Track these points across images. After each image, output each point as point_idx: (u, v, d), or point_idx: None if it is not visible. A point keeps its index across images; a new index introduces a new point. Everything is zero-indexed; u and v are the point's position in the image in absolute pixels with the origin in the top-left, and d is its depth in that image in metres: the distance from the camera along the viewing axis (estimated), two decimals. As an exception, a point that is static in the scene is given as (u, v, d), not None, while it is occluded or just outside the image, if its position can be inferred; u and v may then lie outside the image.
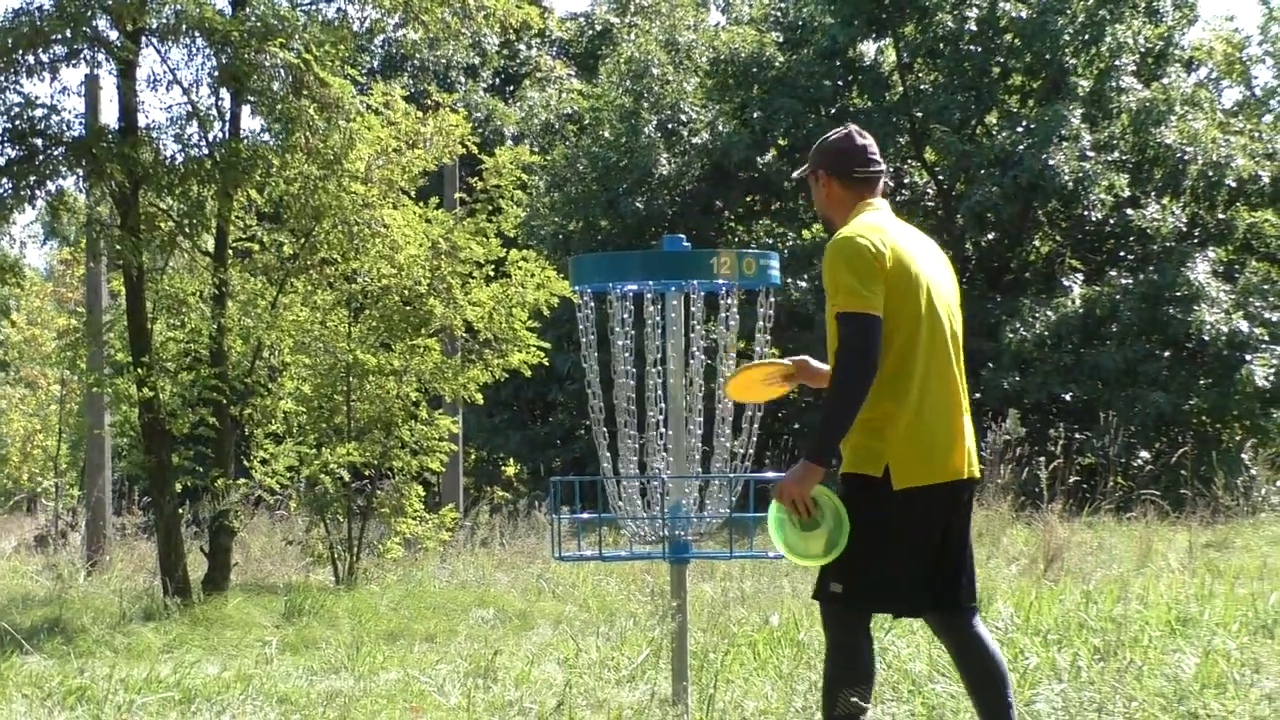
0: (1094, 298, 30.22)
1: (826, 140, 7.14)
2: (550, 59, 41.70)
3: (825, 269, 6.80)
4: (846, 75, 32.85)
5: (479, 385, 19.72)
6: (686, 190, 31.95)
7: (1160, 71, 33.60)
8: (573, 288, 9.14)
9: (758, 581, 16.23)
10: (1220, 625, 11.63)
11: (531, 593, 16.54)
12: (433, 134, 19.12)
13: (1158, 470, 27.47)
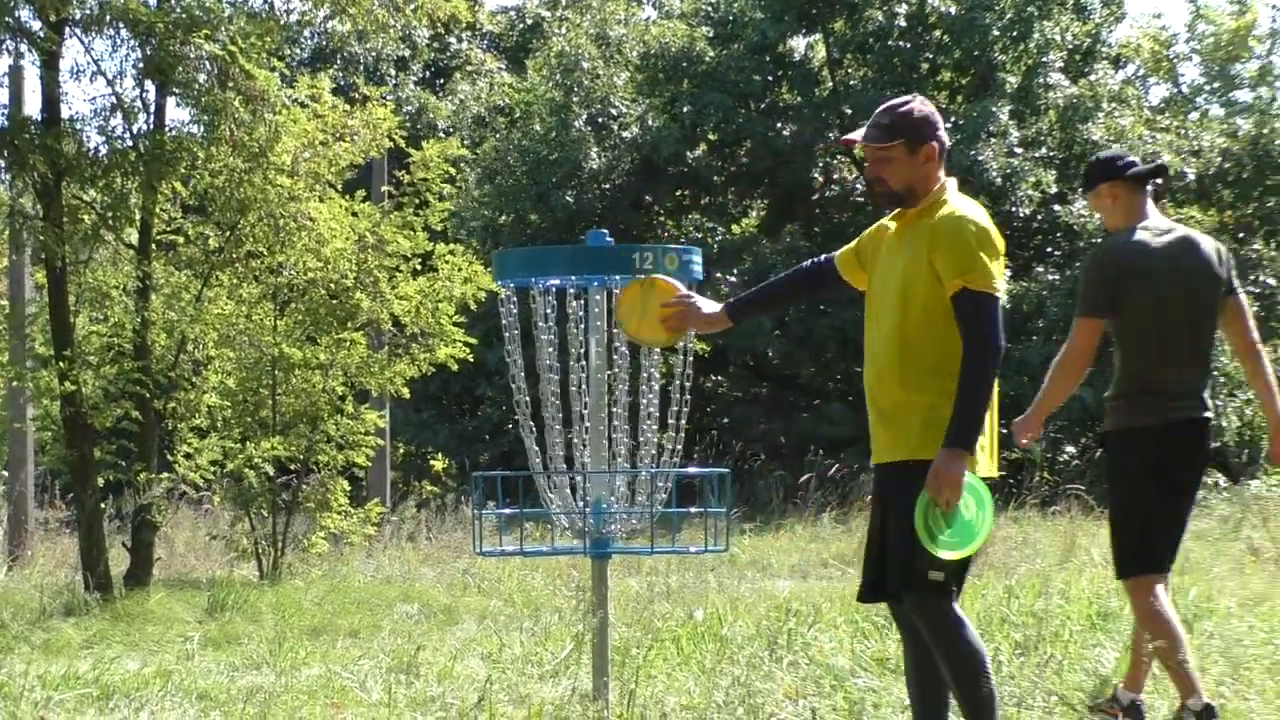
0: (1020, 294, 30.34)
1: (910, 109, 6.84)
2: (481, 52, 41.65)
3: (951, 245, 6.64)
4: (776, 70, 32.87)
5: (405, 380, 19.67)
6: (616, 184, 31.92)
7: (1088, 68, 33.79)
8: (496, 282, 9.11)
9: (683, 576, 16.24)
10: (1141, 620, 11.67)
11: (457, 588, 16.50)
12: (360, 127, 19.04)
13: (1083, 465, 27.64)
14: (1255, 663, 9.74)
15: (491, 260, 16.21)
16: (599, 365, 8.76)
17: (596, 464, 8.72)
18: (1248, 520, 19.81)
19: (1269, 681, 9.16)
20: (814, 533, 21.46)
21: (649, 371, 8.80)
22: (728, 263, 30.28)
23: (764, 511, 24.05)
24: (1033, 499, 21.62)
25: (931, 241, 6.69)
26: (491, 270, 16.75)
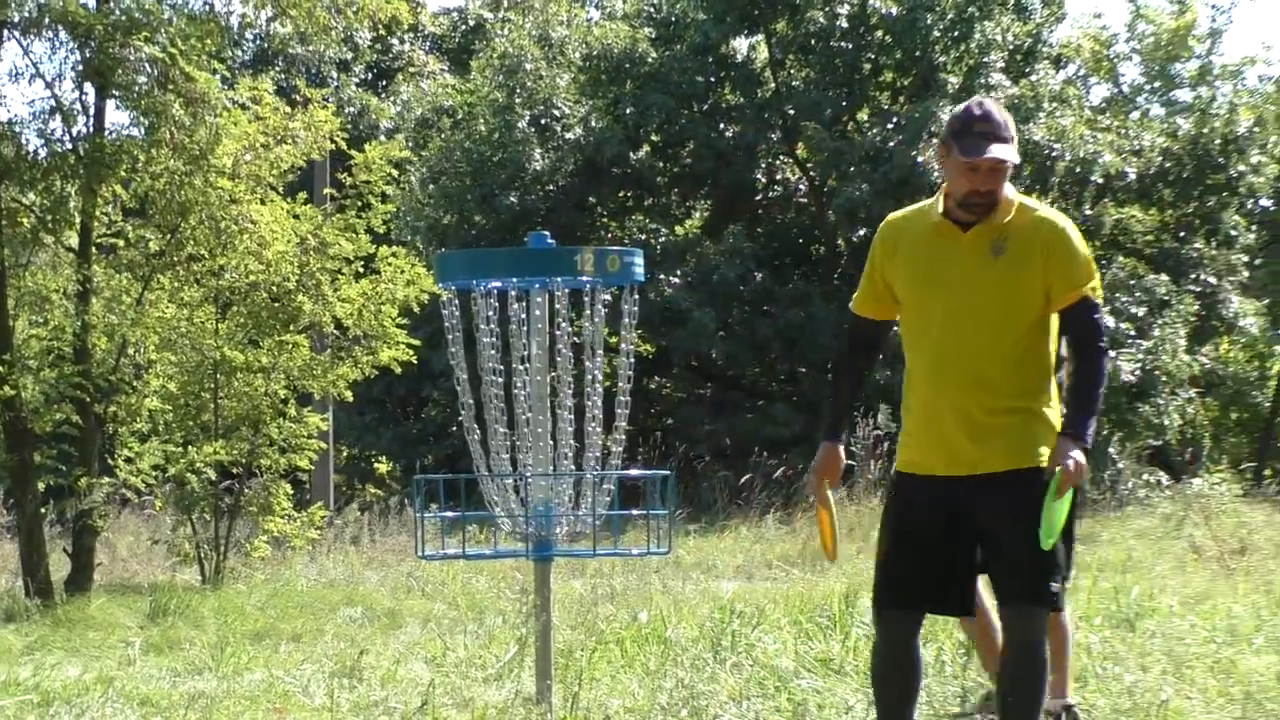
0: (963, 293, 30.42)
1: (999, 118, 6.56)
2: (423, 54, 41.58)
3: (1071, 255, 6.44)
4: (719, 71, 32.87)
5: (348, 382, 19.61)
6: (560, 186, 31.87)
7: (1029, 68, 33.87)
8: (438, 285, 9.10)
9: (627, 579, 16.24)
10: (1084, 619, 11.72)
11: (401, 591, 16.47)
12: (302, 129, 18.97)
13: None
14: (1197, 661, 9.77)
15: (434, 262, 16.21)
16: (541, 368, 8.75)
17: (539, 466, 8.71)
18: (1190, 519, 19.90)
19: (1210, 680, 9.20)
20: (758, 534, 21.48)
21: (592, 374, 8.80)
22: (671, 264, 30.26)
23: (708, 513, 24.07)
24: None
25: (1046, 251, 6.48)
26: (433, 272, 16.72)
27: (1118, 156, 32.77)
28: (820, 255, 33.27)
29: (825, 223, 32.37)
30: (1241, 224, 34.61)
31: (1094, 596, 12.89)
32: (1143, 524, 21.66)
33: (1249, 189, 34.36)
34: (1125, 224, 33.90)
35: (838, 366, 7.46)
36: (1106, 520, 21.97)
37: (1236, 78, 50.39)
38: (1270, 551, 17.03)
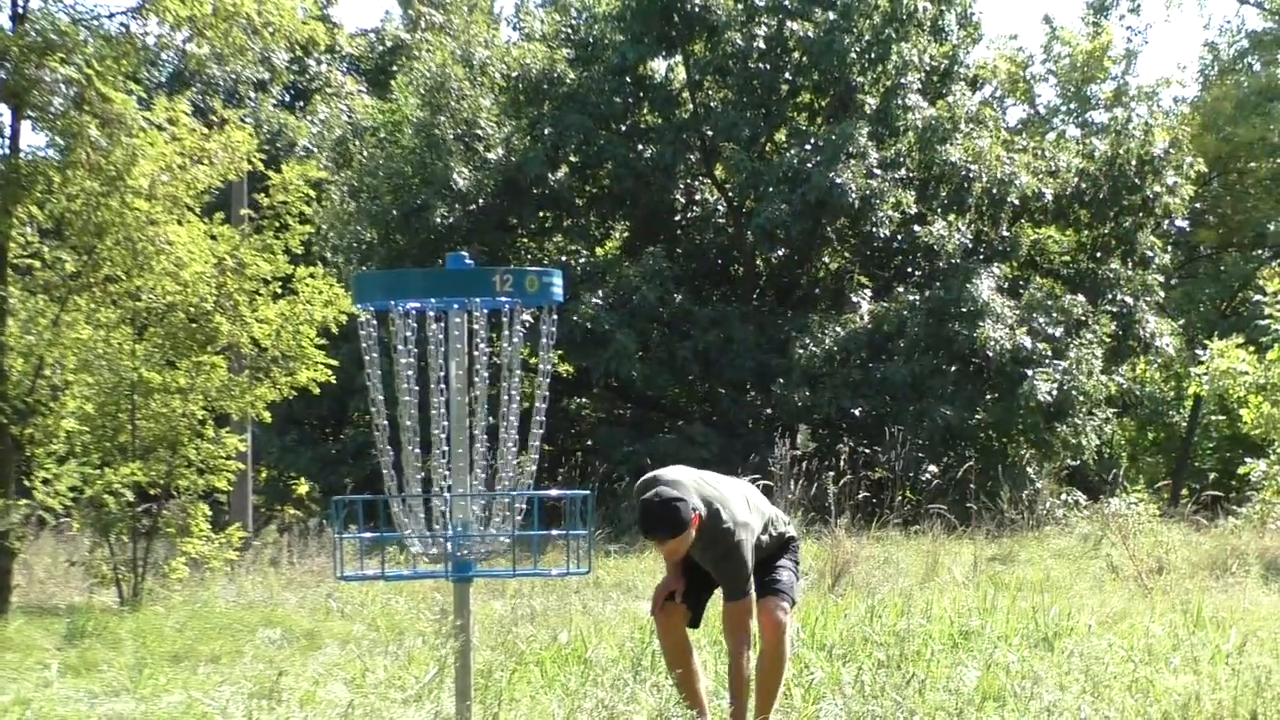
0: (882, 314, 30.56)
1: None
2: (341, 74, 41.47)
3: None
4: (637, 92, 32.93)
5: (266, 403, 19.50)
6: (482, 205, 31.84)
7: (945, 90, 34.08)
8: (354, 305, 9.07)
9: (547, 599, 16.22)
10: (1002, 638, 11.80)
11: (320, 612, 16.38)
12: (218, 149, 18.87)
13: (945, 484, 27.85)
14: (1115, 680, 9.84)
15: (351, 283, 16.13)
16: (459, 388, 8.74)
17: (458, 487, 8.70)
18: (1107, 538, 20.04)
19: (1128, 699, 9.26)
20: (678, 554, 21.45)
21: (509, 394, 8.79)
22: (591, 285, 30.27)
23: (629, 533, 24.07)
24: (895, 518, 21.77)
25: None
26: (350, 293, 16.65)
27: (1034, 177, 33.01)
28: (739, 276, 33.35)
29: (743, 243, 32.45)
30: (1157, 245, 34.91)
31: (1012, 616, 12.97)
32: (1061, 544, 21.81)
33: (1165, 210, 34.66)
34: (1042, 245, 34.16)
35: None
36: (1025, 540, 22.09)
37: (1152, 99, 50.89)
38: (1187, 571, 17.17)
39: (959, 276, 30.76)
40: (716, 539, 8.87)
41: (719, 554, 8.90)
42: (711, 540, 8.86)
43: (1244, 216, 44.02)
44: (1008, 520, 23.19)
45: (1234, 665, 10.55)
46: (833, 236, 33.04)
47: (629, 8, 31.73)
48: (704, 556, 8.95)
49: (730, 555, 8.86)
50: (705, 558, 8.96)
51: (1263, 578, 16.42)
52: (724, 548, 8.87)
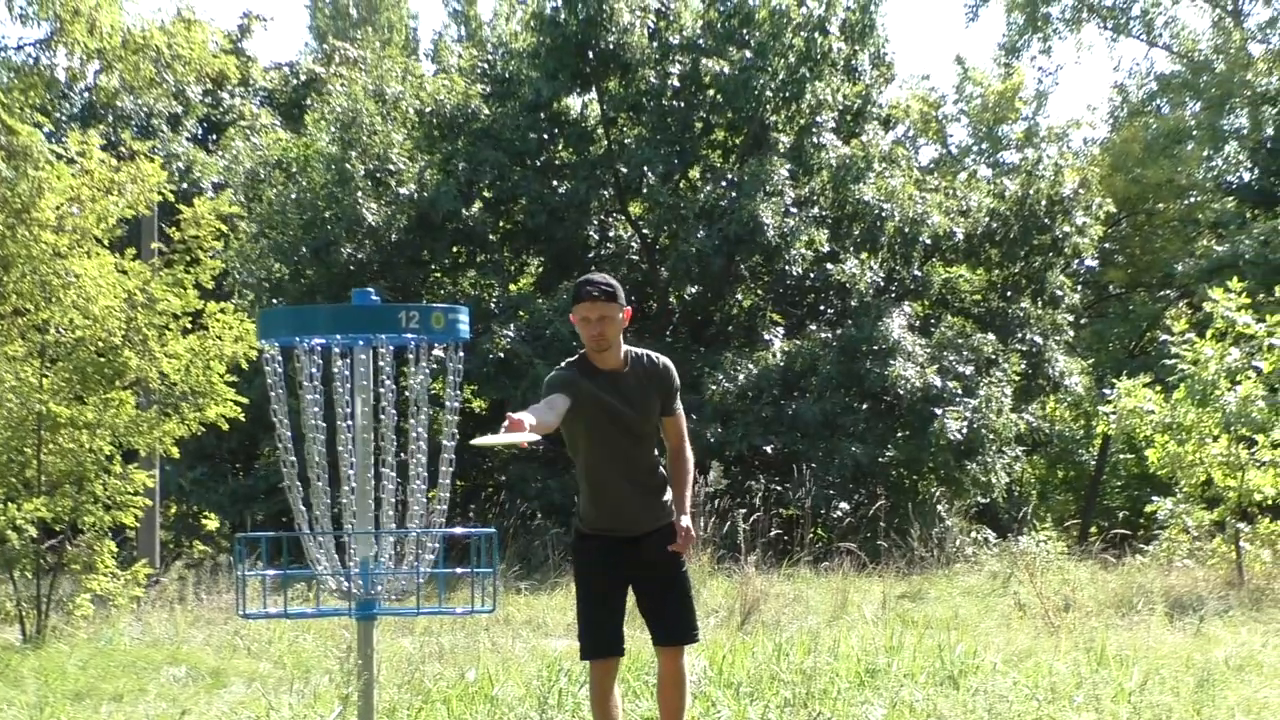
0: (794, 351, 30.63)
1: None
2: (255, 108, 41.33)
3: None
4: (552, 128, 32.95)
5: (175, 439, 19.38)
6: (395, 241, 31.76)
7: (859, 129, 34.27)
8: (259, 341, 9.03)
9: (456, 637, 16.16)
10: (908, 676, 11.83)
11: (226, 650, 16.26)
12: (128, 182, 18.77)
13: (855, 522, 27.94)
14: (1018, 719, 9.88)
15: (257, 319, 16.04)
16: (365, 425, 8.70)
17: (363, 524, 8.66)
18: (1016, 576, 20.13)
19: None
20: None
21: (416, 431, 8.76)
22: (505, 320, 30.23)
23: (540, 570, 24.03)
24: (806, 556, 21.82)
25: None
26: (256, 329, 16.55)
27: (946, 217, 33.21)
28: (652, 312, 33.38)
29: (658, 280, 32.50)
30: (1067, 284, 35.17)
31: (919, 654, 13.01)
32: (970, 581, 21.89)
33: (1074, 249, 34.92)
34: (953, 283, 34.36)
35: None
36: (934, 578, 22.16)
37: (1062, 140, 51.42)
38: (1093, 609, 17.27)
39: (871, 315, 30.89)
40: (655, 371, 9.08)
41: (666, 388, 9.09)
42: (649, 373, 9.04)
43: (1152, 257, 44.44)
44: (918, 558, 23.29)
45: (1135, 703, 10.62)
46: (746, 274, 33.13)
47: (544, 44, 31.77)
48: (641, 391, 9.01)
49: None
50: (641, 392, 9.01)
51: (1167, 616, 16.52)
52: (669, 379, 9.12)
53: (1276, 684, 11.61)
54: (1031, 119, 52.96)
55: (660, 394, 9.03)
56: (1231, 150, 48.11)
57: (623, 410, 8.90)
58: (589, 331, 8.83)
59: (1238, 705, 10.77)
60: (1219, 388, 21.61)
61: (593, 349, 8.88)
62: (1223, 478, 21.83)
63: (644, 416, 8.96)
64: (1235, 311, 22.02)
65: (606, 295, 8.77)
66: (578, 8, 31.12)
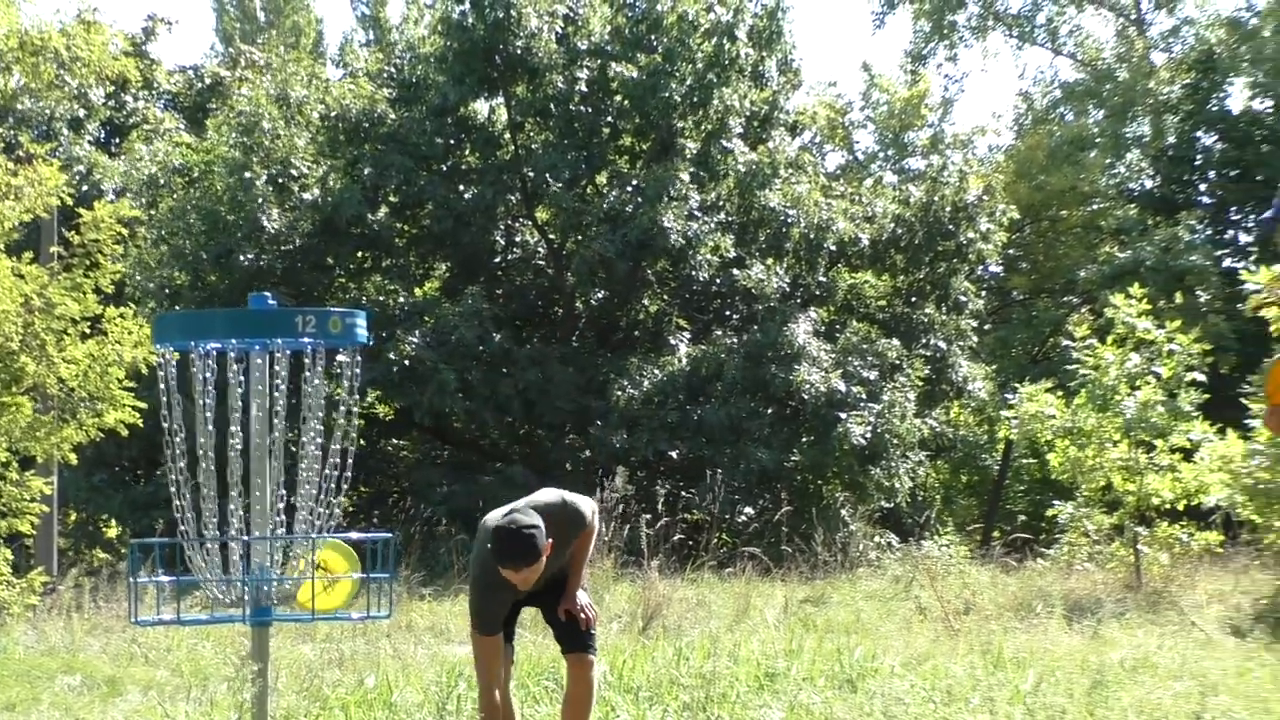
0: (700, 356, 30.66)
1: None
2: (159, 111, 41.05)
3: None
4: (459, 133, 32.85)
5: (73, 445, 19.22)
6: (298, 246, 31.59)
7: (766, 135, 34.34)
8: (154, 345, 8.97)
9: (356, 644, 16.09)
10: (807, 680, 11.86)
11: (123, 658, 16.13)
12: (25, 185, 18.59)
13: (760, 526, 27.99)
14: (913, 721, 9.92)
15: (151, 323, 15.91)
16: (261, 429, 8.66)
17: (259, 530, 8.61)
18: (918, 580, 20.22)
19: (925, 739, 9.34)
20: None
21: (311, 436, 8.72)
22: (410, 325, 30.11)
23: (444, 576, 23.94)
24: (710, 560, 21.84)
25: None
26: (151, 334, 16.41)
27: (851, 223, 33.34)
28: (559, 317, 33.37)
29: (564, 285, 32.48)
30: (971, 290, 35.37)
31: (818, 658, 13.05)
32: (873, 585, 21.96)
33: (978, 256, 35.14)
34: (858, 289, 34.50)
35: None
36: (837, 582, 22.22)
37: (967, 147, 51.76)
38: (992, 612, 17.37)
39: (776, 320, 30.95)
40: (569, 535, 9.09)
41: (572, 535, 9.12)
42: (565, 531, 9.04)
43: (1055, 263, 44.77)
44: (821, 562, 23.34)
45: (1030, 705, 10.69)
46: (653, 279, 33.15)
47: (451, 49, 31.68)
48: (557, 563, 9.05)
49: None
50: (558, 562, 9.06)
51: (1065, 619, 16.63)
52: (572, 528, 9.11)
53: (1170, 685, 11.71)
54: (937, 126, 53.31)
55: (574, 537, 9.11)
56: (1134, 158, 48.58)
57: (547, 575, 8.96)
58: (513, 579, 8.66)
59: (1131, 706, 10.85)
60: (1119, 393, 21.78)
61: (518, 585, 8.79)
62: (1122, 482, 22.01)
63: (563, 562, 9.12)
64: (1136, 318, 22.20)
65: (530, 560, 8.56)
66: (485, 12, 31.05)
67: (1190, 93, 41.65)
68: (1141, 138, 49.72)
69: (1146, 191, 42.18)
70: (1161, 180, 41.07)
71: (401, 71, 33.09)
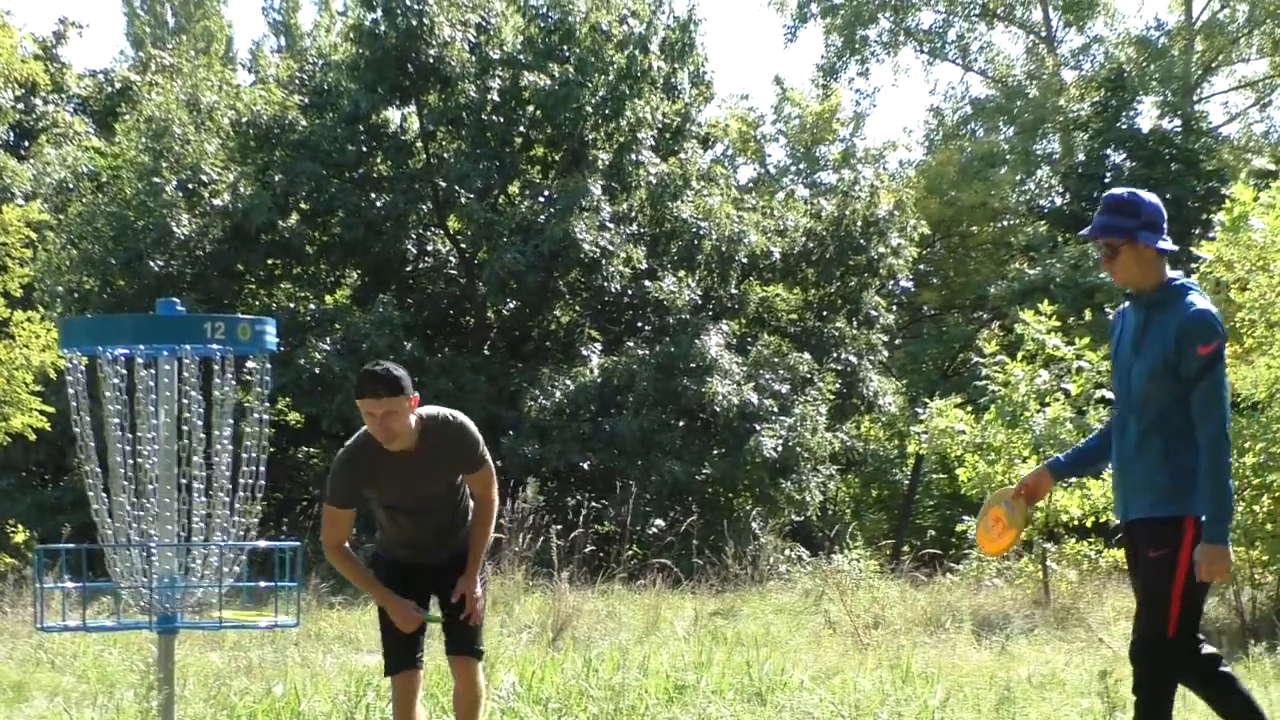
0: (611, 367, 30.66)
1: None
2: (69, 115, 40.75)
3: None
4: (370, 141, 32.73)
5: (-20, 449, 19.06)
6: (208, 252, 31.41)
7: (678, 147, 34.38)
8: (61, 351, 8.90)
9: (264, 651, 15.99)
10: (716, 692, 11.86)
11: (29, 664, 15.96)
12: (-67, 188, 18.45)
13: (671, 538, 27.99)
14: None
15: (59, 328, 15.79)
16: (169, 436, 8.59)
17: (165, 537, 8.54)
18: (828, 594, 20.25)
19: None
20: (401, 606, 21.25)
21: (221, 443, 8.66)
22: (320, 332, 29.99)
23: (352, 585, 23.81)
24: (620, 572, 21.83)
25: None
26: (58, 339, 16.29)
27: (763, 236, 33.43)
28: (470, 327, 33.29)
29: (475, 294, 32.41)
30: (882, 305, 35.55)
31: (727, 670, 13.05)
32: (783, 599, 21.98)
33: (889, 271, 35.32)
34: (770, 302, 34.60)
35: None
36: (747, 595, 22.24)
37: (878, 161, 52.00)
38: (902, 626, 17.42)
39: (688, 332, 31.00)
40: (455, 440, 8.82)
41: (461, 454, 8.83)
42: (442, 444, 8.76)
43: (965, 279, 45.06)
44: (731, 575, 23.37)
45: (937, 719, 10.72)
46: (564, 290, 33.14)
47: (363, 57, 31.58)
48: (435, 465, 8.77)
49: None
50: (435, 466, 8.77)
51: (974, 633, 16.70)
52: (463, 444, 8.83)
53: (1077, 701, 11.77)
54: (849, 140, 53.51)
55: (457, 462, 8.83)
56: (1044, 175, 48.96)
57: (415, 491, 8.76)
58: (374, 425, 8.50)
59: (1038, 721, 10.91)
60: (1028, 409, 21.88)
61: (380, 440, 8.57)
62: (1030, 498, 22.07)
63: (439, 491, 8.85)
64: (1045, 334, 22.31)
65: (390, 390, 8.45)
66: (398, 21, 30.96)
67: (1100, 110, 42.01)
68: (1051, 154, 50.11)
69: (1056, 208, 42.49)
70: (1071, 197, 41.36)
71: (313, 78, 32.94)
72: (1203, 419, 7.50)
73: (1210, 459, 7.48)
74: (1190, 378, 7.53)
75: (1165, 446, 7.64)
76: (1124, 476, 7.83)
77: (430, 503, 8.84)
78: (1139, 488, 7.74)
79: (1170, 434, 7.63)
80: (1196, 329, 7.57)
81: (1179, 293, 7.73)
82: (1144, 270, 7.76)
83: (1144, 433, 7.71)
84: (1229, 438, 7.54)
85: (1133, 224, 7.72)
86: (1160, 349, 7.63)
